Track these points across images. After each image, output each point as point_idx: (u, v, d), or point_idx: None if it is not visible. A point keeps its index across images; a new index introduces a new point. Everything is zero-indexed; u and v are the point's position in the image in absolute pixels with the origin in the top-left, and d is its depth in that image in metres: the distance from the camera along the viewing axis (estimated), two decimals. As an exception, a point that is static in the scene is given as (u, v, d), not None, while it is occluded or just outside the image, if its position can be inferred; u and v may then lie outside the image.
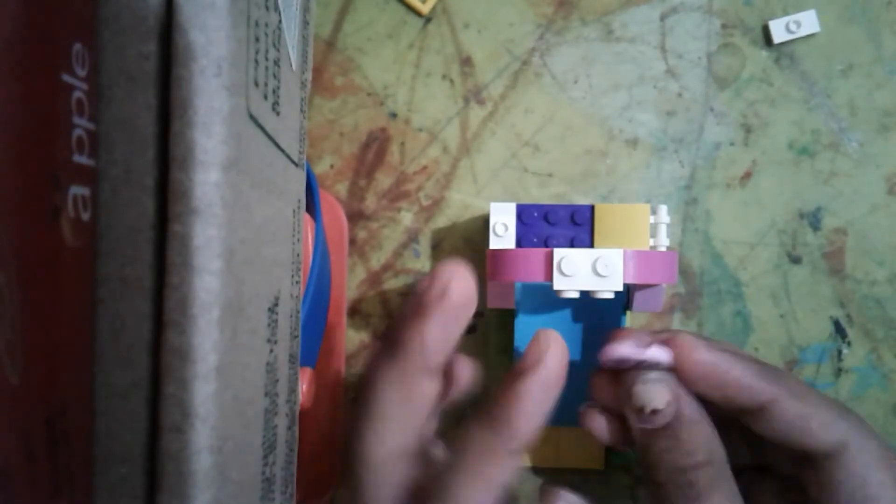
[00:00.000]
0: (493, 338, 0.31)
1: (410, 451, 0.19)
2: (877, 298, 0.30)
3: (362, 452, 0.19)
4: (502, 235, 0.27)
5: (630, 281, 0.24)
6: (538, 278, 0.24)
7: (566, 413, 0.23)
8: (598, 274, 0.23)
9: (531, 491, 0.29)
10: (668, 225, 0.28)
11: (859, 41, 0.30)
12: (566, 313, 0.28)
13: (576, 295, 0.24)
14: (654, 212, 0.27)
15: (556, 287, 0.24)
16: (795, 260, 0.30)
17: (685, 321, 0.30)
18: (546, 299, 0.28)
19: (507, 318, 0.30)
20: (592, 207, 0.27)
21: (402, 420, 0.19)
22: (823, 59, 0.31)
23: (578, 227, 0.28)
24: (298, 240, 0.21)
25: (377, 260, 0.31)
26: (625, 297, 0.28)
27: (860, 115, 0.30)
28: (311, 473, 0.26)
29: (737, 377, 0.21)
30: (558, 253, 0.24)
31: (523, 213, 0.28)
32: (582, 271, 0.24)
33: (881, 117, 0.30)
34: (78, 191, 0.12)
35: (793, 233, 0.30)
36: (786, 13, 0.31)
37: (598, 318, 0.28)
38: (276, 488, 0.18)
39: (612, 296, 0.24)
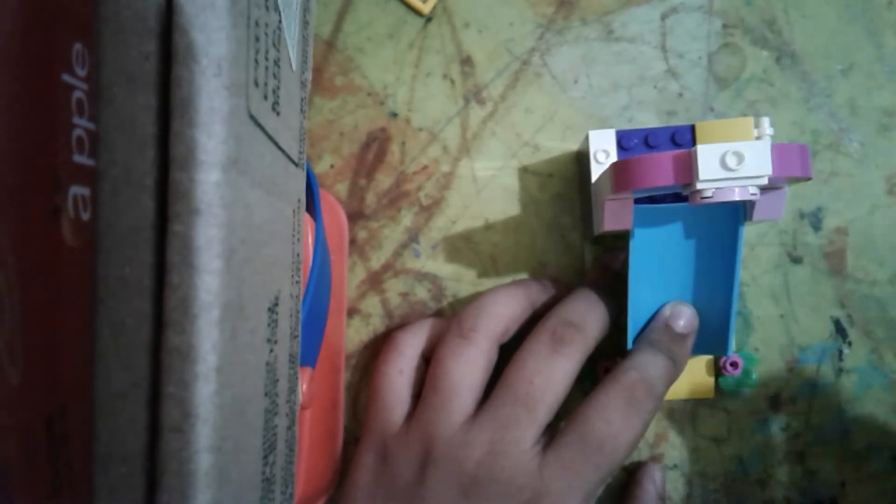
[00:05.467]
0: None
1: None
2: (877, 298, 0.30)
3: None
4: (603, 163, 0.27)
5: (776, 173, 0.22)
6: (673, 181, 0.22)
7: None
8: (735, 169, 0.21)
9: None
10: (772, 136, 0.27)
11: (859, 41, 0.30)
12: (680, 232, 0.26)
13: (711, 197, 0.22)
14: (756, 125, 0.26)
15: (700, 184, 0.22)
16: (796, 260, 0.30)
17: (685, 321, 0.30)
18: (658, 219, 0.26)
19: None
20: (693, 127, 0.27)
21: None
22: (823, 59, 0.31)
23: (680, 147, 0.27)
24: (298, 240, 0.21)
25: (377, 260, 0.31)
26: (743, 208, 0.26)
27: (860, 115, 0.30)
28: (311, 473, 0.26)
29: None
30: (703, 151, 0.21)
31: (623, 139, 0.27)
32: (719, 169, 0.21)
33: (881, 117, 0.30)
34: (78, 191, 0.12)
35: (793, 233, 0.30)
36: (786, 13, 0.31)
37: (714, 234, 0.26)
38: (276, 488, 0.18)
39: (755, 194, 0.22)
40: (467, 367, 0.26)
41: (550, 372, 0.25)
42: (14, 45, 0.10)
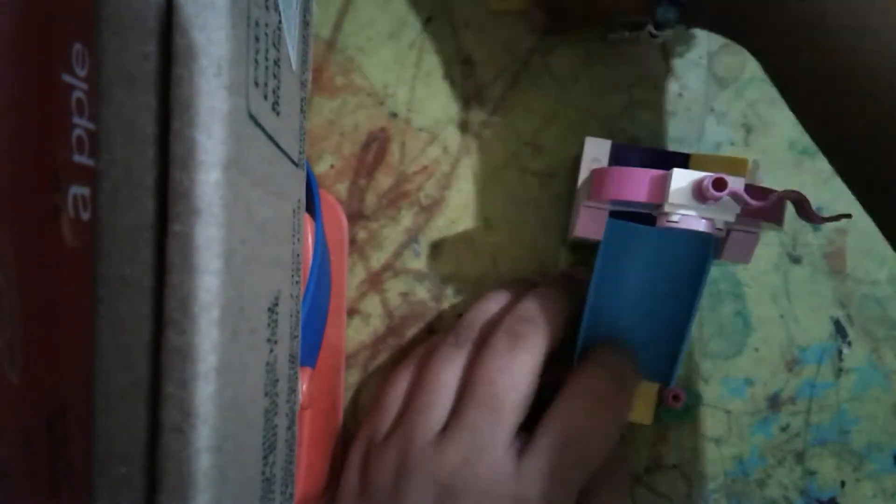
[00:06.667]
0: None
1: None
2: (877, 298, 0.30)
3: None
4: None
5: (745, 212, 0.22)
6: (645, 199, 0.23)
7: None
8: (708, 204, 0.22)
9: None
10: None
11: (859, 41, 0.30)
12: (650, 256, 0.26)
13: (677, 222, 0.22)
14: (753, 167, 0.26)
15: (668, 207, 0.22)
16: (796, 260, 0.30)
17: (685, 321, 0.30)
18: (630, 238, 0.26)
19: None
20: (688, 156, 0.27)
21: None
22: (824, 59, 0.31)
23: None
24: (298, 240, 0.21)
25: (377, 260, 0.31)
26: (713, 245, 0.26)
27: (860, 115, 0.30)
28: (311, 473, 0.26)
29: None
30: (678, 175, 0.22)
31: (619, 153, 0.27)
32: (689, 197, 0.22)
33: (881, 117, 0.30)
34: (78, 191, 0.12)
35: (793, 233, 0.30)
36: (786, 13, 0.31)
37: (682, 266, 0.26)
38: (276, 488, 0.18)
39: (721, 230, 0.22)
40: (456, 374, 0.26)
41: (511, 369, 0.24)
42: (14, 45, 0.10)
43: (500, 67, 0.31)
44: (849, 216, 0.22)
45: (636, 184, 0.23)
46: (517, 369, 0.24)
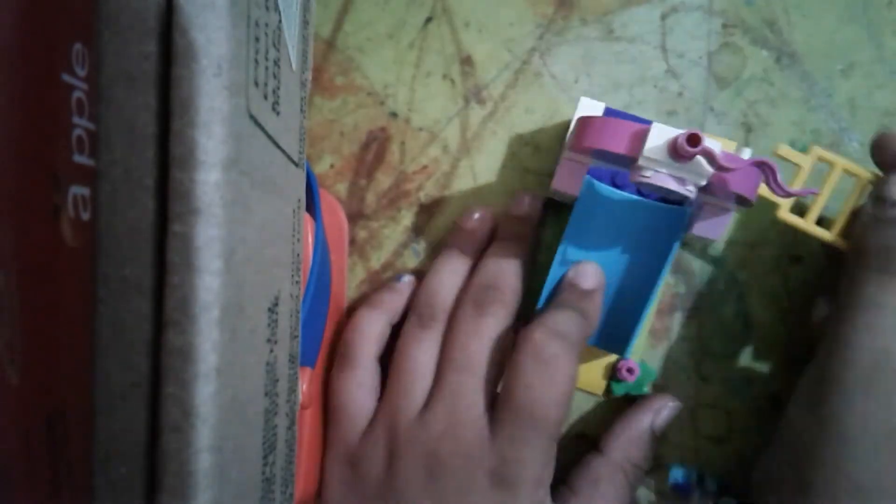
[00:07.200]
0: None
1: None
2: (877, 298, 0.30)
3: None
4: None
5: (718, 180, 0.22)
6: (624, 150, 0.23)
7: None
8: (682, 163, 0.22)
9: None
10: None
11: (859, 41, 0.30)
12: (623, 223, 0.26)
13: (648, 179, 0.22)
14: (738, 149, 0.26)
15: (642, 160, 0.22)
16: (795, 260, 0.30)
17: (685, 321, 0.30)
18: (607, 202, 0.26)
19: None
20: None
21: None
22: (823, 58, 0.31)
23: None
24: (298, 240, 0.21)
25: (377, 260, 0.31)
26: (686, 218, 0.26)
27: (860, 115, 0.30)
28: (311, 473, 0.26)
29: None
30: (656, 130, 0.22)
31: (611, 116, 0.27)
32: (664, 153, 0.22)
33: (881, 117, 0.30)
34: (78, 191, 0.12)
35: (793, 232, 0.30)
36: (786, 13, 0.31)
37: (653, 238, 0.26)
38: (276, 488, 0.18)
39: (691, 191, 0.22)
40: (428, 353, 0.26)
41: (480, 333, 0.26)
42: (14, 45, 0.10)
43: (500, 67, 0.31)
44: (815, 192, 0.23)
45: (616, 135, 0.23)
46: (485, 332, 0.26)
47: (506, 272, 0.27)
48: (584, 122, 0.24)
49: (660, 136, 0.22)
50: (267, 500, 0.17)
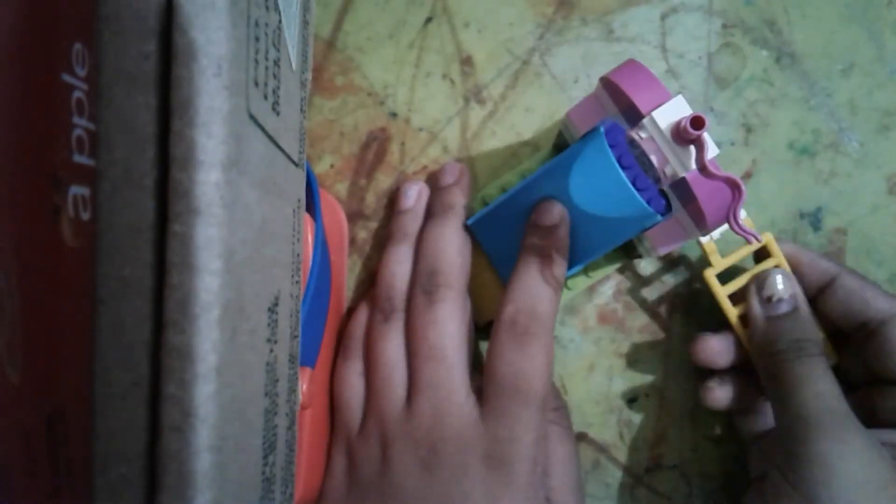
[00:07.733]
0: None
1: None
2: (877, 298, 0.30)
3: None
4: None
5: (696, 187, 0.23)
6: (637, 102, 0.23)
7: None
8: (676, 143, 0.23)
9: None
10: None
11: (859, 41, 0.30)
12: (596, 191, 0.25)
13: (640, 139, 0.23)
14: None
15: (645, 120, 0.23)
16: (796, 260, 0.30)
17: (685, 321, 0.30)
18: (597, 165, 0.25)
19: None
20: None
21: None
22: (823, 58, 0.31)
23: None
24: (298, 240, 0.21)
25: (377, 260, 0.31)
26: (651, 225, 0.25)
27: (860, 115, 0.30)
28: (311, 473, 0.26)
29: (811, 258, 0.27)
30: (676, 102, 0.23)
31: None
32: (668, 125, 0.23)
33: (881, 117, 0.30)
34: (78, 191, 0.12)
35: (793, 233, 0.30)
36: (786, 13, 0.31)
37: (613, 214, 0.25)
38: (276, 488, 0.18)
39: (667, 178, 0.23)
40: (395, 343, 0.27)
41: (436, 321, 0.26)
42: (14, 45, 0.10)
43: (500, 67, 0.31)
44: (760, 241, 0.25)
45: (640, 85, 0.24)
46: (440, 319, 0.26)
47: (445, 251, 0.27)
48: (631, 62, 0.25)
49: (675, 110, 0.23)
50: (267, 499, 0.17)
